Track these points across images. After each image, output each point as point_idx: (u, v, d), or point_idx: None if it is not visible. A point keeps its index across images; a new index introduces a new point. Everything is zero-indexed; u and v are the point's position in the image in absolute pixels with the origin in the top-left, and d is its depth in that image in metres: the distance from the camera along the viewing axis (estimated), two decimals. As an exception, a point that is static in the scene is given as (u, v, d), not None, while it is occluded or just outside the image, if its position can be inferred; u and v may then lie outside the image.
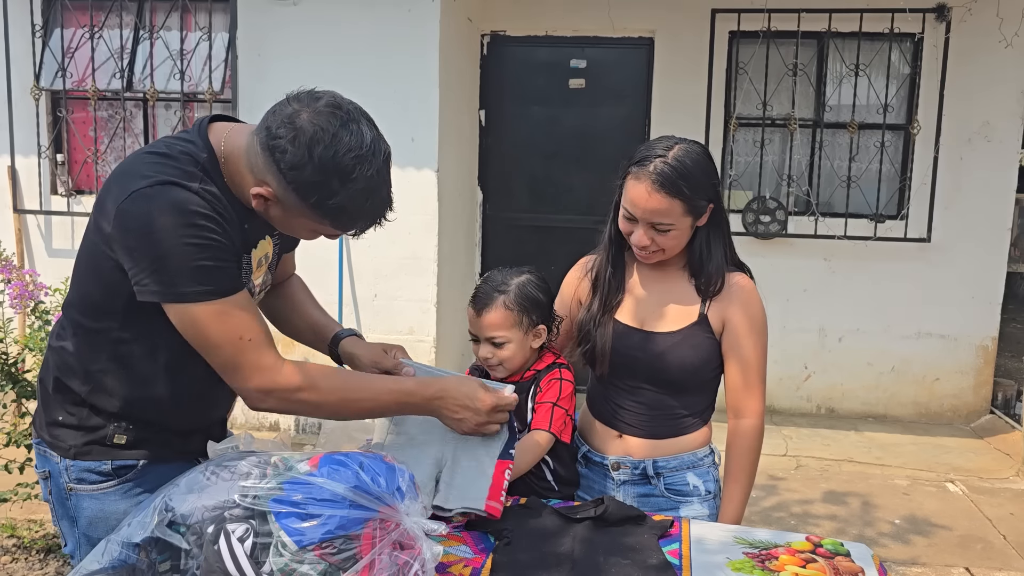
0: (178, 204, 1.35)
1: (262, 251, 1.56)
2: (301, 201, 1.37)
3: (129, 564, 1.33)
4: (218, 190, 1.43)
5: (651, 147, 1.79)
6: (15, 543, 3.37)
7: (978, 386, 5.56)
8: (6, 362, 3.14)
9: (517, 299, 1.81)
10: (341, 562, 1.23)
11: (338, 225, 1.43)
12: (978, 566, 3.51)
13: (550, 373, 1.86)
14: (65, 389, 1.54)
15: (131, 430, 1.52)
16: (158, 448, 1.55)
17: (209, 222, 1.37)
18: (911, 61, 5.43)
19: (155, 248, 1.35)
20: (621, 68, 5.76)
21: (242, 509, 1.26)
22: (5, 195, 5.25)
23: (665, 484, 1.89)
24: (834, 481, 4.44)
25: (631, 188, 1.77)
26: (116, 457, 1.52)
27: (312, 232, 1.48)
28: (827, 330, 5.60)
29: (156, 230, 1.34)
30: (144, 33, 5.17)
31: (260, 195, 1.39)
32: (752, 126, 5.53)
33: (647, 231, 1.78)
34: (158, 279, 1.36)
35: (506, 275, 1.86)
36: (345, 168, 1.35)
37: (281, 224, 1.48)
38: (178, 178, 1.38)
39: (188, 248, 1.35)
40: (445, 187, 4.86)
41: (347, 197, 1.36)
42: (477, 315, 1.82)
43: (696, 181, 1.75)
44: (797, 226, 5.48)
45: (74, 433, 1.53)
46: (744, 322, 1.85)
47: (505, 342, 1.81)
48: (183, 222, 1.34)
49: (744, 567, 1.52)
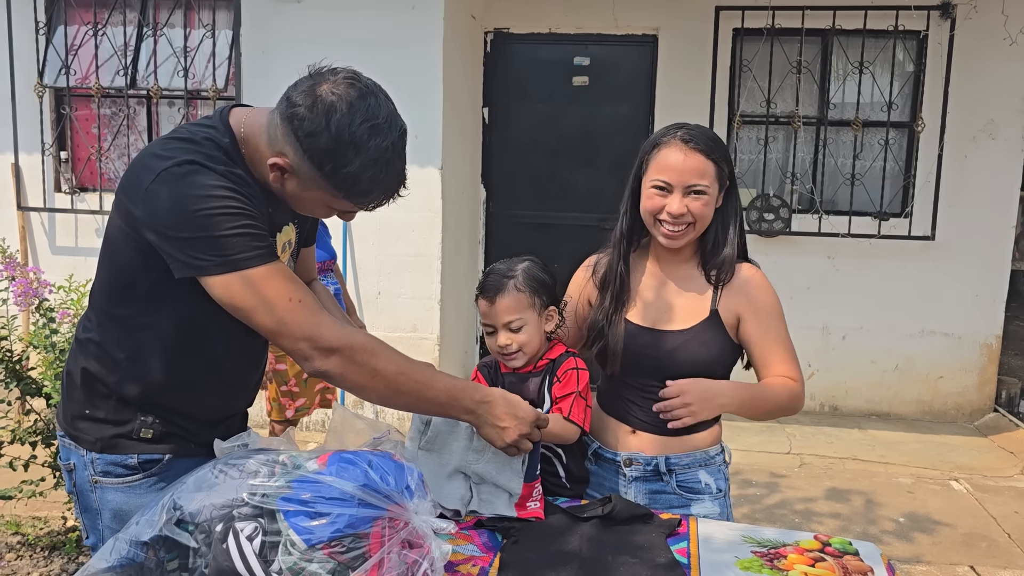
0: (207, 182, 1.37)
1: (286, 236, 1.57)
2: (316, 170, 1.37)
3: (137, 562, 1.33)
4: (243, 172, 1.44)
5: (667, 127, 1.84)
6: (20, 540, 3.38)
7: (982, 384, 5.55)
8: (10, 360, 3.14)
9: (527, 281, 1.83)
10: (350, 561, 1.22)
11: (351, 196, 1.42)
12: (983, 564, 3.50)
13: (565, 363, 1.86)
14: (92, 380, 1.54)
15: (157, 424, 1.52)
16: (183, 442, 1.55)
17: (239, 195, 1.39)
18: (915, 59, 5.42)
19: (193, 223, 1.35)
20: (625, 66, 5.76)
21: (251, 507, 1.26)
22: (9, 192, 5.25)
23: (677, 481, 1.88)
24: (838, 479, 4.44)
25: (663, 157, 1.80)
26: (142, 451, 1.52)
27: (327, 208, 1.47)
28: (831, 328, 5.59)
29: (191, 206, 1.35)
30: (148, 30, 5.17)
31: (277, 165, 1.40)
32: (756, 124, 5.52)
33: (683, 198, 1.78)
34: (203, 252, 1.35)
35: (509, 263, 1.88)
36: (360, 138, 1.36)
37: (296, 200, 1.47)
38: (204, 160, 1.39)
39: (227, 217, 1.35)
40: (448, 184, 4.86)
41: (361, 167, 1.37)
42: (491, 303, 1.82)
43: (719, 147, 1.82)
44: (801, 224, 5.47)
45: (100, 426, 1.53)
46: (760, 312, 1.86)
47: (522, 325, 1.82)
48: (215, 195, 1.36)
49: (753, 566, 1.52)
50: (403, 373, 1.46)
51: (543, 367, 1.87)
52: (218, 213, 1.35)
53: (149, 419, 1.52)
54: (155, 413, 1.53)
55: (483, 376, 1.92)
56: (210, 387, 1.58)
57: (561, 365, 1.85)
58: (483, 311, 1.85)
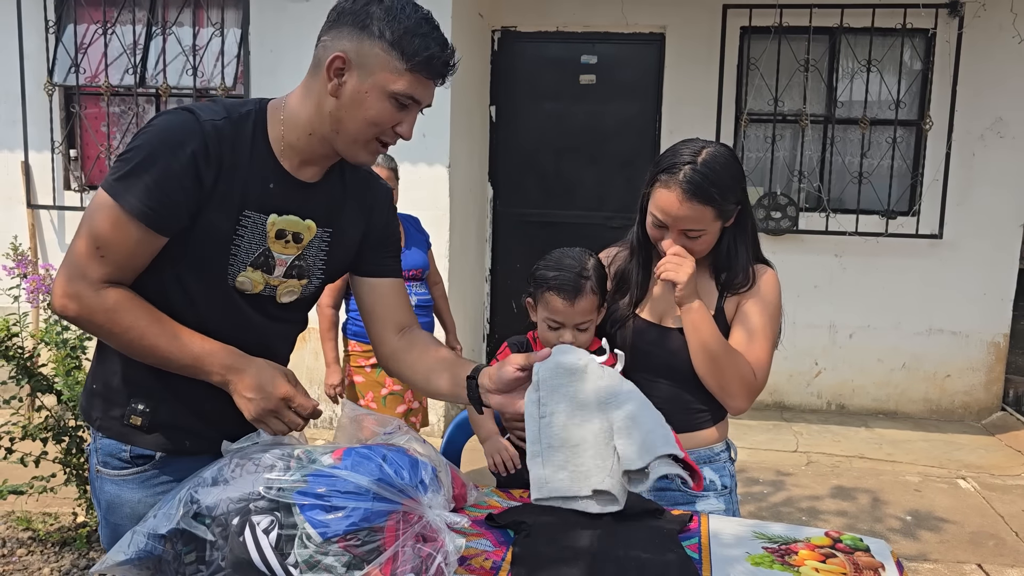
0: (178, 124, 1.39)
1: (290, 225, 1.50)
2: (376, 39, 1.39)
3: (155, 555, 1.34)
4: (248, 139, 1.45)
5: (678, 153, 1.77)
6: (31, 536, 3.40)
7: (989, 383, 5.55)
8: (21, 356, 3.16)
9: (599, 282, 1.86)
10: (365, 554, 1.23)
11: (409, 55, 1.40)
12: (990, 563, 3.50)
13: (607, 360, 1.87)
14: (100, 354, 1.57)
15: (147, 413, 1.51)
16: (177, 436, 1.54)
17: (188, 156, 1.38)
18: (923, 57, 5.41)
19: (131, 144, 1.40)
20: (632, 64, 5.76)
21: (267, 501, 1.28)
22: (19, 190, 5.28)
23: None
24: (845, 477, 4.44)
25: (661, 196, 1.76)
26: (134, 443, 1.52)
27: (387, 98, 1.42)
28: (838, 326, 5.59)
29: (146, 133, 1.40)
30: (157, 29, 5.19)
31: (336, 60, 1.40)
32: (763, 122, 5.52)
33: (678, 238, 1.78)
34: (113, 167, 1.41)
35: (579, 259, 1.87)
36: (403, 4, 1.42)
37: (354, 103, 1.42)
38: (199, 110, 1.42)
39: (148, 160, 1.37)
40: (456, 183, 4.87)
41: (415, 24, 1.41)
42: (571, 304, 1.83)
43: (725, 186, 1.75)
44: (808, 222, 5.47)
45: (99, 402, 1.55)
46: (755, 300, 1.86)
47: (590, 325, 1.87)
48: (167, 136, 1.38)
49: (763, 561, 1.53)
50: (143, 338, 1.42)
51: None
52: (151, 153, 1.37)
53: (140, 406, 1.51)
54: (147, 399, 1.52)
55: (513, 352, 1.91)
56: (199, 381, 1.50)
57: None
58: (557, 309, 1.84)
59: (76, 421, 3.17)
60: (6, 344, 3.12)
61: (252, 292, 1.50)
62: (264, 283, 1.51)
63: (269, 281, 1.51)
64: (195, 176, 1.38)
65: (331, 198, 1.57)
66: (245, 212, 1.44)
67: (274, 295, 1.54)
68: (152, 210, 1.37)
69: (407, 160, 4.41)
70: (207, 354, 1.44)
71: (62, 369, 3.17)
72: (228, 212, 1.43)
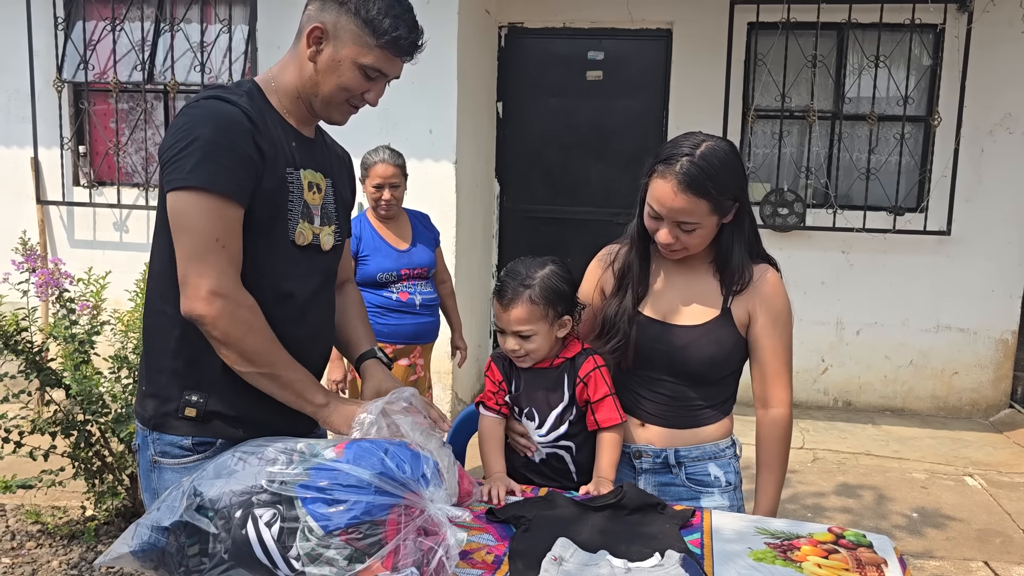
0: (220, 111, 1.50)
1: (314, 178, 1.65)
2: (350, 16, 1.55)
3: (159, 547, 1.35)
4: (264, 108, 1.59)
5: (677, 145, 1.77)
6: (40, 529, 3.42)
7: (997, 380, 5.52)
8: (31, 351, 3.18)
9: (542, 293, 1.82)
10: (367, 547, 1.24)
11: (379, 33, 1.55)
12: (997, 560, 3.49)
13: (586, 363, 1.87)
14: (150, 354, 1.62)
15: (201, 403, 1.55)
16: (231, 427, 1.57)
17: (244, 134, 1.49)
18: (932, 52, 5.38)
19: (189, 140, 1.46)
20: (639, 60, 5.75)
21: (269, 494, 1.29)
22: (28, 186, 5.31)
23: (686, 474, 1.89)
24: (850, 474, 4.43)
25: (657, 187, 1.76)
26: (194, 433, 1.56)
27: (357, 68, 1.57)
28: (845, 323, 5.58)
29: (195, 125, 1.48)
30: (165, 25, 5.21)
31: (315, 30, 1.55)
32: (770, 118, 5.50)
33: (672, 229, 1.78)
34: (181, 166, 1.46)
35: (530, 268, 1.85)
36: None
37: (328, 69, 1.57)
38: (223, 94, 1.55)
39: (216, 145, 1.46)
40: (463, 179, 4.87)
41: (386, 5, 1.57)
42: (504, 310, 1.83)
43: (722, 181, 1.73)
44: (815, 218, 5.45)
45: (153, 402, 1.59)
46: (769, 314, 1.85)
47: (532, 335, 1.83)
48: (219, 123, 1.48)
49: (766, 557, 1.53)
50: (263, 353, 1.50)
51: (560, 364, 1.89)
52: (211, 140, 1.46)
53: (193, 397, 1.55)
54: (199, 390, 1.56)
55: (497, 367, 1.93)
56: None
57: (582, 366, 1.87)
58: (496, 312, 1.87)
59: (84, 415, 3.19)
60: (15, 338, 3.14)
61: (305, 244, 1.62)
62: (311, 233, 1.63)
63: (313, 230, 1.64)
64: (256, 147, 1.50)
65: (325, 152, 1.74)
66: (288, 170, 1.58)
67: (319, 243, 1.66)
68: (240, 188, 1.48)
69: (414, 156, 4.41)
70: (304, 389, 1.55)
71: (71, 364, 3.19)
72: (279, 173, 1.56)
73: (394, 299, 3.40)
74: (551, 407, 1.88)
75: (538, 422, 1.90)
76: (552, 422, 1.89)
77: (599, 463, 1.85)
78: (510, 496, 1.78)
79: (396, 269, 3.42)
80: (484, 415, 1.95)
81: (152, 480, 1.60)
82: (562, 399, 1.88)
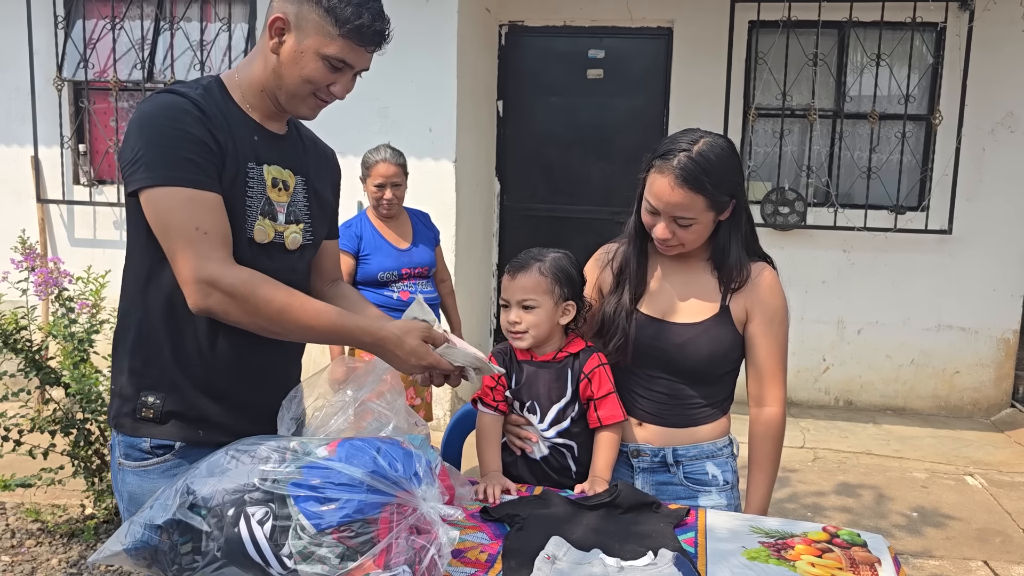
0: (167, 102, 1.48)
1: (280, 174, 1.61)
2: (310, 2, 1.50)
3: (151, 545, 1.35)
4: (221, 101, 1.55)
5: (676, 140, 1.78)
6: (39, 527, 3.43)
7: (999, 379, 5.51)
8: (30, 349, 3.19)
9: (552, 268, 1.87)
10: (359, 545, 1.24)
11: (342, 21, 1.50)
12: (996, 559, 3.49)
13: (590, 360, 1.88)
14: (114, 353, 1.62)
15: (158, 404, 1.54)
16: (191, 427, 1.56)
17: (195, 122, 1.46)
18: (933, 51, 5.37)
19: (141, 137, 1.45)
20: (639, 58, 5.75)
21: (262, 493, 1.28)
22: (29, 185, 5.32)
23: (684, 473, 1.89)
24: (851, 474, 4.43)
25: (654, 181, 1.77)
26: (153, 435, 1.55)
27: (320, 59, 1.52)
28: (846, 322, 5.57)
29: (145, 122, 1.46)
30: (165, 24, 5.21)
31: (276, 20, 1.51)
32: (771, 116, 5.50)
33: (668, 224, 1.78)
34: (140, 165, 1.44)
35: (543, 250, 1.92)
36: None
37: (291, 61, 1.53)
38: (176, 88, 1.51)
39: (170, 137, 1.45)
40: (463, 177, 4.87)
41: None
42: (512, 278, 1.88)
43: (719, 177, 1.74)
44: (816, 217, 5.45)
45: (116, 402, 1.59)
46: (765, 312, 1.85)
47: (535, 306, 1.85)
48: (168, 115, 1.46)
49: (760, 556, 1.53)
50: (284, 311, 1.47)
51: (563, 359, 1.89)
52: (166, 132, 1.44)
53: (149, 399, 1.54)
54: (156, 392, 1.55)
55: (497, 363, 1.93)
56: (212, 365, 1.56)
57: (587, 362, 1.88)
58: (504, 285, 1.90)
59: (84, 414, 3.20)
60: (15, 337, 3.14)
61: (266, 241, 1.57)
62: (273, 230, 1.58)
63: (276, 228, 1.59)
64: (209, 133, 1.47)
65: (297, 150, 1.68)
66: (249, 164, 1.54)
67: (283, 242, 1.61)
68: (201, 170, 1.45)
69: (413, 155, 4.41)
70: (347, 331, 1.56)
71: (70, 362, 3.19)
72: (237, 166, 1.52)
73: (395, 298, 3.40)
74: (552, 401, 1.88)
75: (539, 416, 1.90)
76: (553, 416, 1.89)
77: (595, 462, 1.85)
78: (505, 495, 1.78)
79: (397, 268, 3.42)
80: (481, 412, 1.95)
81: (118, 482, 1.59)
82: (565, 394, 1.88)
